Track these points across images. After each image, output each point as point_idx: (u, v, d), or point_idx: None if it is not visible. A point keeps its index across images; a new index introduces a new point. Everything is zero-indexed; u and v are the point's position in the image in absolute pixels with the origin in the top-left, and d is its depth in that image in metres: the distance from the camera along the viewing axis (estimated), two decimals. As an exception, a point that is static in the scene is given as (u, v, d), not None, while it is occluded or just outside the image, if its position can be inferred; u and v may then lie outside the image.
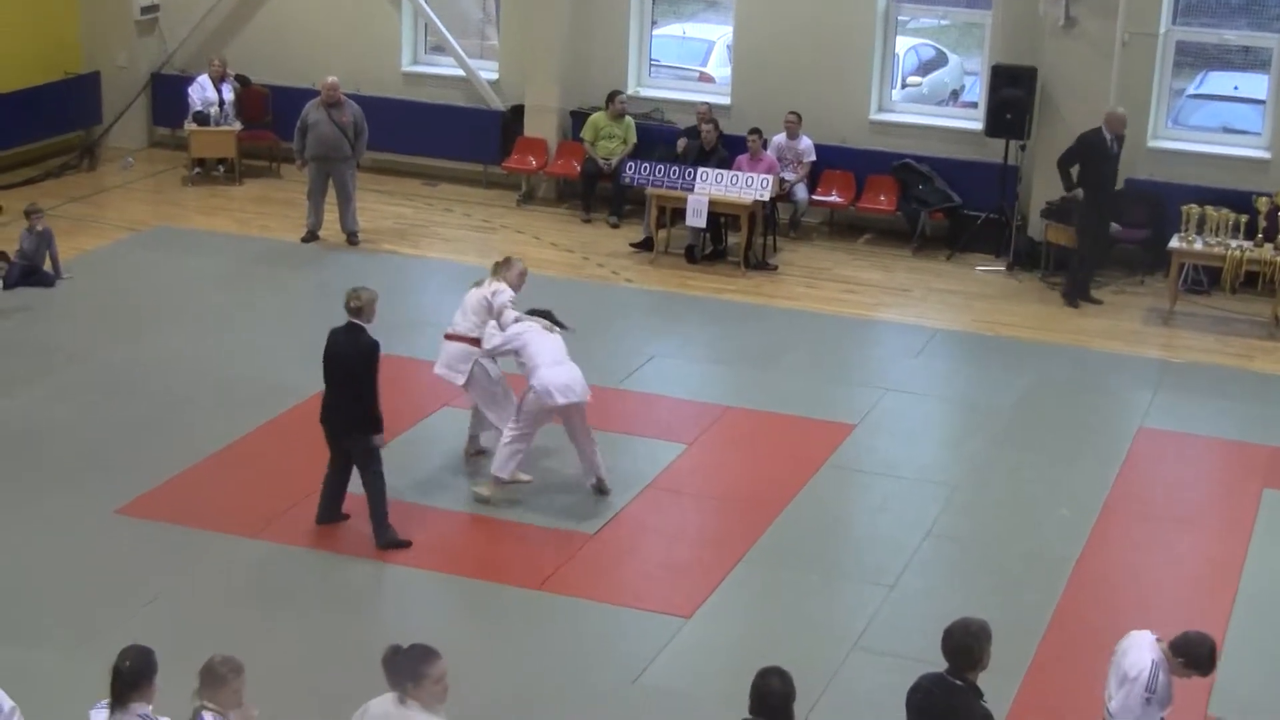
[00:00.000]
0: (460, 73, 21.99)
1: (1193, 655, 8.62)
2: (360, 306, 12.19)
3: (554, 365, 12.81)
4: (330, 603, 11.59)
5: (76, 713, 7.76)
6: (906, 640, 11.15)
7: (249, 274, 18.38)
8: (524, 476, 13.15)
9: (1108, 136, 17.88)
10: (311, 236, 19.51)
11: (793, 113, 20.07)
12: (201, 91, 21.49)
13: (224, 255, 18.92)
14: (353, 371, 12.13)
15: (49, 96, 21.97)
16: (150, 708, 7.62)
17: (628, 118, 20.76)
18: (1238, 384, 16.23)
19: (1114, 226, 18.49)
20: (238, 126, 21.70)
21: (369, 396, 12.12)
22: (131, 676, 7.62)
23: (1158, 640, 8.74)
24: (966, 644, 8.03)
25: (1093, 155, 17.90)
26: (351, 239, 19.47)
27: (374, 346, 12.14)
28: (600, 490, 13.19)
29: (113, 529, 12.47)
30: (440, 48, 22.32)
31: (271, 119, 22.21)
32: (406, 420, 14.37)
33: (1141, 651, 8.68)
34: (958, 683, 8.02)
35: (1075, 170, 18.02)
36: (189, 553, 12.14)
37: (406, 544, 12.32)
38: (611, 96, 20.74)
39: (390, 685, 7.74)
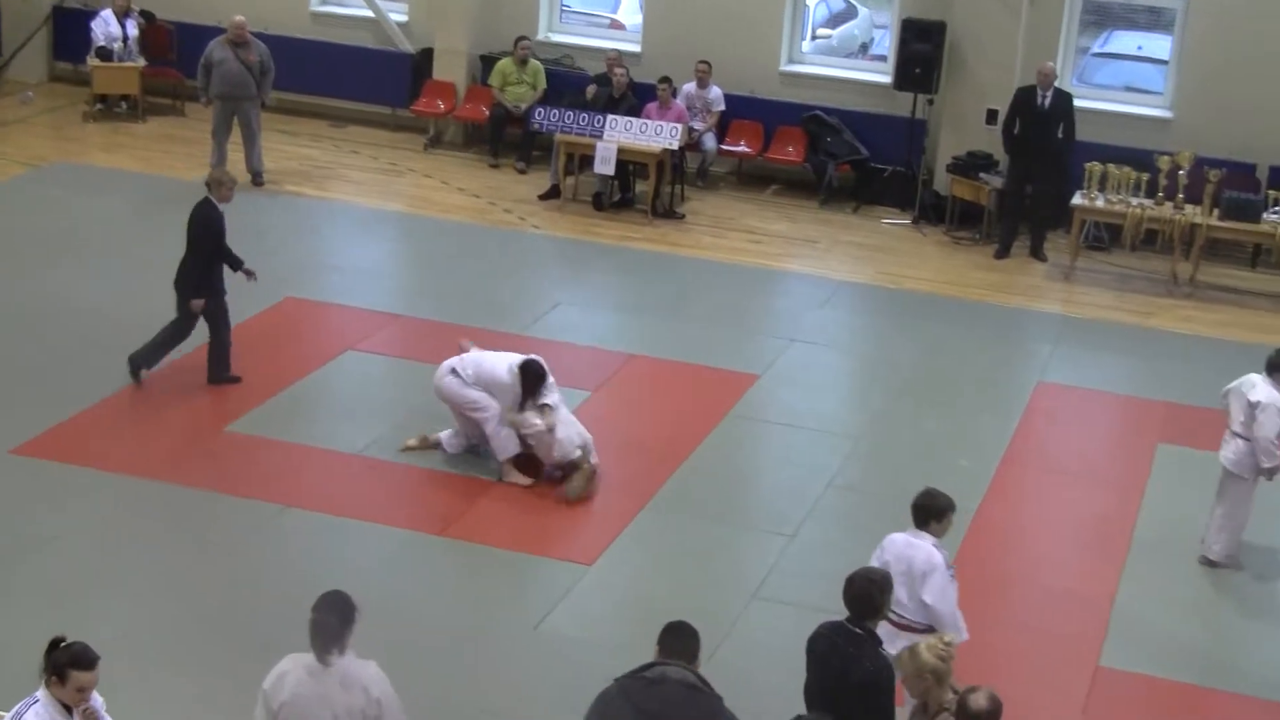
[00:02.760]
0: (369, 14, 21.80)
1: (934, 509, 9.25)
2: (207, 180, 13.76)
3: None
4: (230, 546, 11.50)
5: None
6: (806, 590, 11.25)
7: (152, 214, 18.17)
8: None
9: (1039, 92, 18.07)
10: (216, 176, 19.33)
11: (703, 61, 20.06)
12: (105, 26, 21.19)
13: (126, 194, 18.70)
14: (192, 237, 13.57)
15: (-54, 28, 21.65)
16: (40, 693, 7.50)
17: (535, 62, 20.69)
18: (1135, 340, 16.44)
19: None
20: (141, 63, 21.42)
21: (193, 261, 13.57)
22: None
23: (913, 533, 9.27)
24: (868, 592, 8.11)
25: (1022, 110, 18.17)
26: (256, 179, 19.30)
27: (209, 217, 13.52)
28: None
29: (7, 469, 12.33)
30: (349, -12, 22.16)
31: (176, 56, 21.93)
32: (310, 363, 14.32)
33: (916, 547, 9.17)
34: (858, 631, 8.08)
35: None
36: (87, 494, 12.03)
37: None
38: (517, 42, 20.66)
39: (329, 646, 7.51)
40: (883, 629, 8.96)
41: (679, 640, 7.56)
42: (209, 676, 9.78)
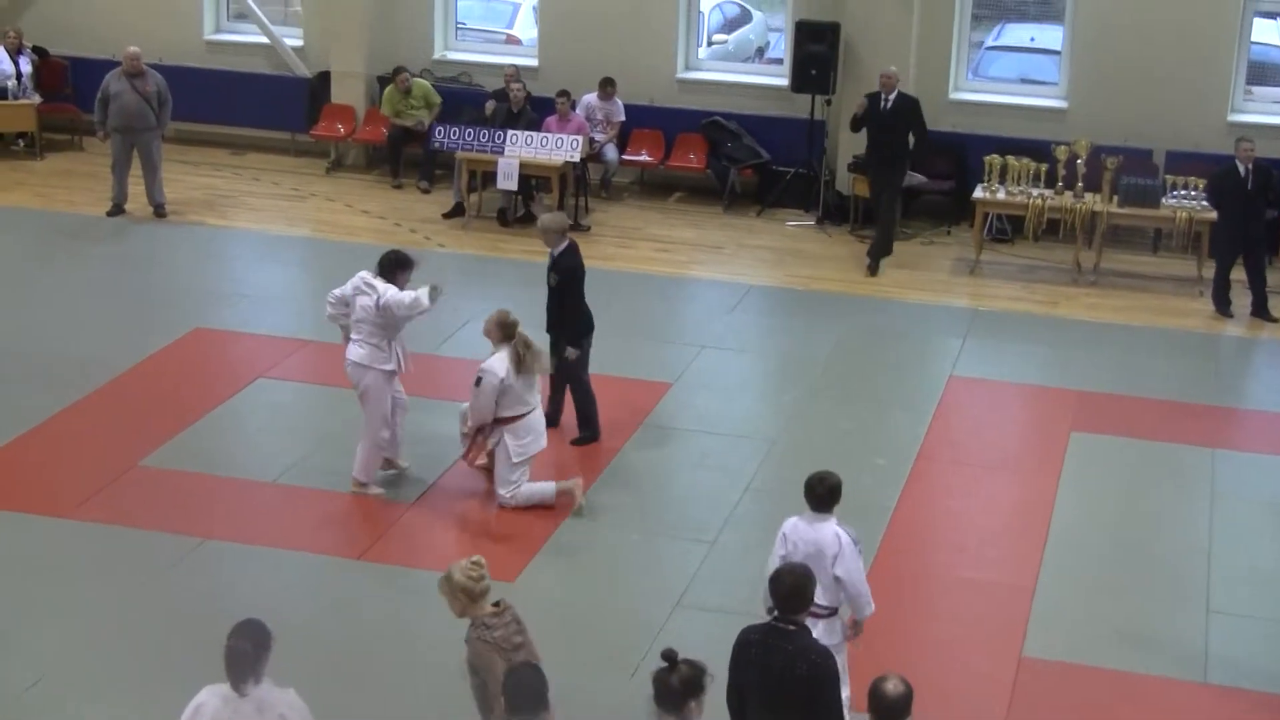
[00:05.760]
0: (264, 40, 21.70)
1: (837, 488, 9.40)
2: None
3: None
4: (149, 581, 11.39)
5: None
6: (729, 595, 11.26)
7: (54, 250, 18.02)
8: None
9: (882, 96, 18.07)
10: (118, 210, 19.18)
11: (609, 79, 20.06)
12: (-3, 64, 21.02)
13: (27, 231, 18.53)
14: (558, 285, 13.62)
15: None
16: None
17: (420, 82, 20.69)
18: (1043, 330, 16.60)
19: (918, 178, 18.83)
20: (37, 99, 21.23)
21: (565, 310, 13.65)
22: None
23: (810, 517, 9.36)
24: (802, 586, 7.93)
25: (869, 114, 18.17)
26: (159, 211, 19.17)
27: (563, 267, 13.67)
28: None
29: (-80, 515, 12.18)
30: (243, 15, 22.01)
31: (72, 91, 21.78)
32: (221, 393, 14.22)
33: (821, 530, 9.28)
34: (791, 627, 7.91)
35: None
36: (1, 535, 11.90)
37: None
38: (395, 73, 20.61)
39: (245, 675, 7.46)
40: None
41: (520, 697, 7.33)
42: (133, 713, 9.69)
